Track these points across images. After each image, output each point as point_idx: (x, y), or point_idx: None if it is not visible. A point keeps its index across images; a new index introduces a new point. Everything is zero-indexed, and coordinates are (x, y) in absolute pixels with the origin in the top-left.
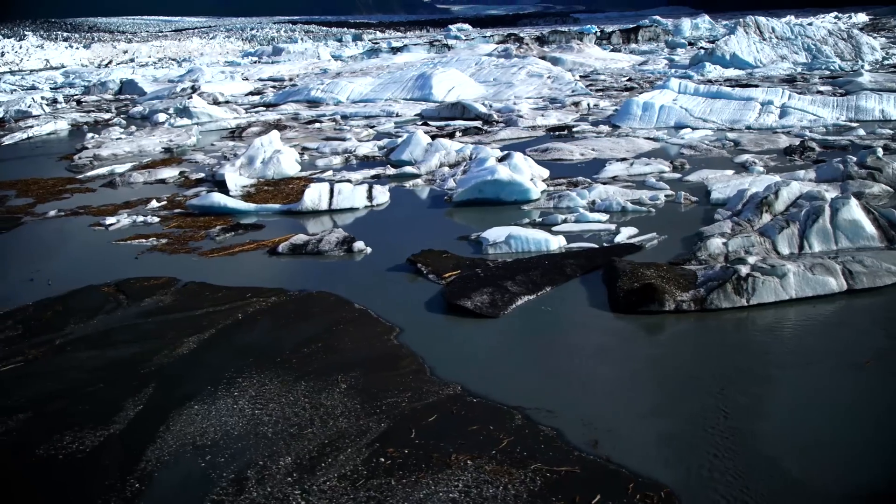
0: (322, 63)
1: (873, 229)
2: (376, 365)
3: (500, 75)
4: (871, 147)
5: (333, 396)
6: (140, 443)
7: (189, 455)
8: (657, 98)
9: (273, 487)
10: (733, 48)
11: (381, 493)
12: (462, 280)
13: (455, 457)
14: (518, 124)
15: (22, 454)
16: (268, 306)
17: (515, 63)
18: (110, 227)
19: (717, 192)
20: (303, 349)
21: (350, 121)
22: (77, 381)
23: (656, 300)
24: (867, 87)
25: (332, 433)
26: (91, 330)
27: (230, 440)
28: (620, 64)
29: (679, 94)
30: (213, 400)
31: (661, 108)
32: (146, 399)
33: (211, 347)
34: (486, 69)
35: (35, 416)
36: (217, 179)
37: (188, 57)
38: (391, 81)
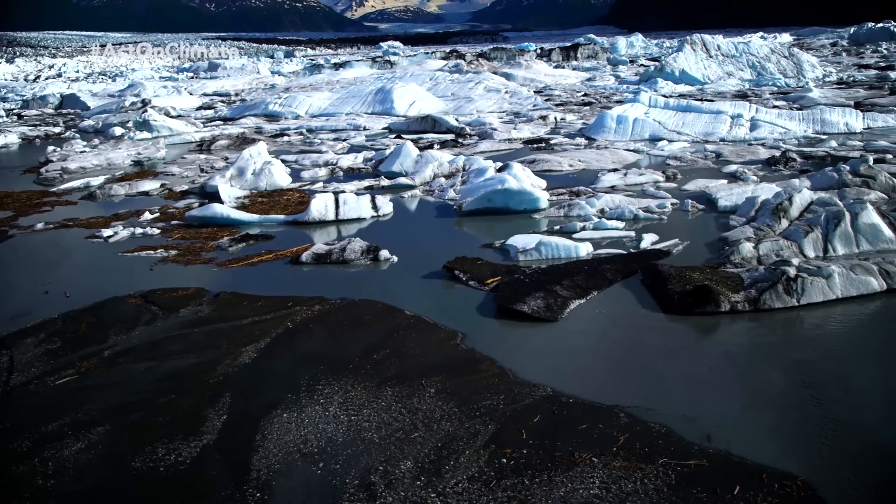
0: (266, 78)
1: (891, 233)
2: (455, 369)
3: (458, 90)
4: (853, 158)
5: (426, 401)
6: (241, 453)
7: (300, 463)
8: (630, 111)
9: (406, 491)
10: (682, 65)
11: (519, 493)
12: (508, 285)
13: (578, 455)
14: (493, 137)
15: (120, 468)
16: (314, 314)
17: (472, 78)
18: (109, 239)
19: (723, 200)
20: (372, 356)
21: (319, 134)
22: (145, 392)
23: (712, 301)
24: (820, 101)
25: (442, 436)
26: (136, 341)
27: (336, 447)
28: (570, 80)
29: (650, 108)
30: (300, 408)
31: (635, 121)
32: (226, 409)
33: (272, 356)
34: (442, 84)
35: (116, 429)
36: (208, 191)
37: (121, 72)
38: (350, 96)
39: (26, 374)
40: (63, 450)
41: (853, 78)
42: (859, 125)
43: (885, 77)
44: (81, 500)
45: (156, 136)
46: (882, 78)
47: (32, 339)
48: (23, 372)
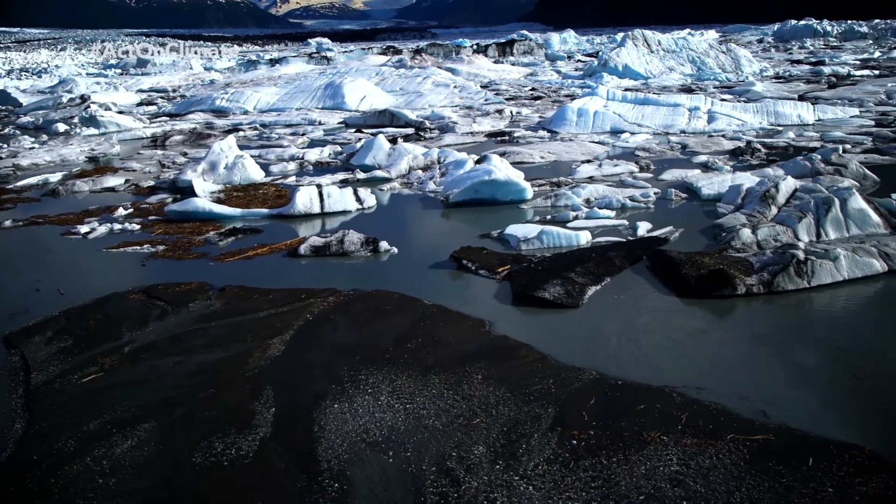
0: (203, 74)
1: (878, 218)
2: (495, 356)
3: (406, 85)
4: (815, 148)
5: (476, 387)
6: (303, 445)
7: (369, 452)
8: (590, 104)
9: (487, 475)
10: (625, 60)
11: (600, 472)
12: (521, 274)
13: (646, 434)
14: (455, 131)
15: (181, 465)
16: (331, 306)
17: (419, 73)
18: (88, 235)
19: (706, 189)
20: (405, 345)
21: (274, 129)
22: (181, 387)
23: (728, 285)
24: (766, 95)
25: (504, 421)
26: (153, 337)
27: (401, 435)
28: (512, 75)
29: (609, 101)
30: (349, 398)
31: (596, 113)
32: (272, 401)
33: (302, 348)
34: (389, 79)
35: (163, 426)
36: (180, 186)
37: (44, 68)
38: (298, 91)
39: (46, 373)
40: (114, 448)
41: (789, 73)
42: (811, 117)
43: (819, 72)
44: (149, 498)
45: (104, 132)
46: (816, 73)
47: (40, 338)
48: (41, 371)
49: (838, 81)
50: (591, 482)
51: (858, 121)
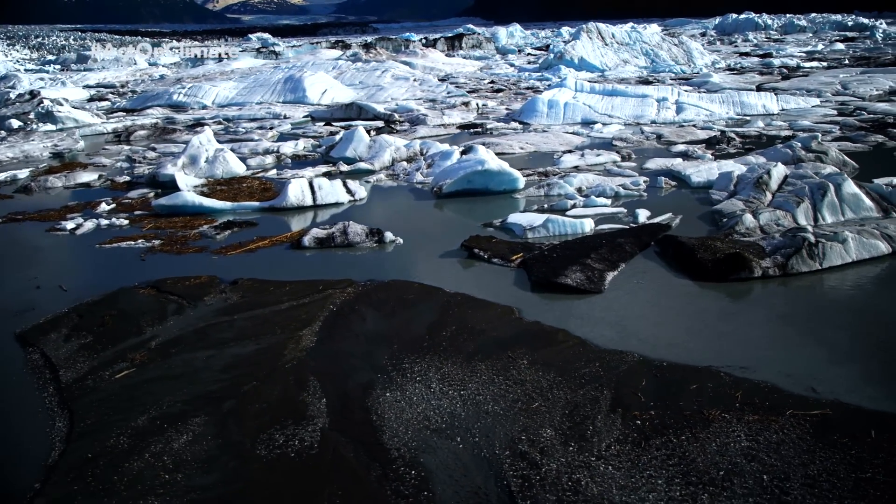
0: (150, 70)
1: (870, 202)
2: (534, 341)
3: (365, 79)
4: (785, 136)
5: (524, 372)
6: (367, 434)
7: (436, 439)
8: (559, 96)
9: (564, 458)
10: (580, 53)
11: (674, 450)
12: (536, 261)
13: (707, 412)
14: (427, 123)
15: (246, 457)
16: (352, 296)
17: (377, 67)
18: (75, 231)
19: (695, 177)
20: (440, 332)
21: (240, 123)
22: (222, 381)
23: (746, 268)
24: (725, 86)
25: (563, 404)
26: (177, 331)
27: (463, 421)
28: (468, 68)
29: (577, 92)
30: (400, 387)
31: (566, 105)
32: (320, 392)
33: (335, 338)
34: (347, 73)
35: (215, 419)
36: (160, 180)
37: None
38: (256, 85)
39: (74, 370)
40: (171, 443)
41: (740, 65)
42: (775, 107)
43: (769, 64)
44: (223, 492)
45: (62, 128)
46: (767, 65)
47: (56, 335)
48: (68, 368)
49: (790, 73)
50: (667, 460)
51: (821, 110)
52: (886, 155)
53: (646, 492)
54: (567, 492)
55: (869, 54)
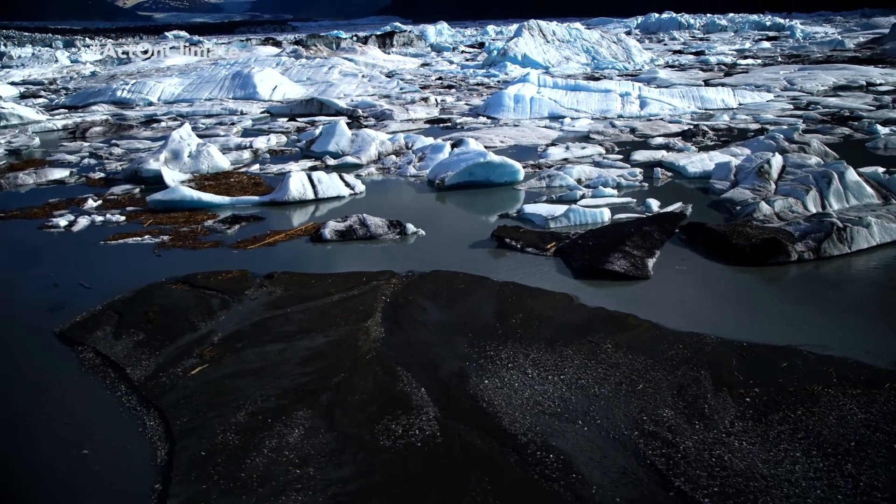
0: (76, 67)
1: (870, 189)
2: (607, 326)
3: (313, 75)
4: (757, 129)
5: (614, 355)
6: (484, 421)
7: (557, 423)
8: (524, 90)
9: (696, 435)
10: (523, 49)
11: (797, 424)
12: (575, 249)
13: (810, 388)
14: (394, 118)
15: (372, 448)
16: (401, 287)
17: (323, 63)
18: (70, 228)
19: (691, 167)
20: (510, 320)
21: (197, 120)
22: (306, 374)
23: (783, 252)
24: (675, 82)
25: (668, 385)
26: (234, 326)
27: (574, 404)
28: (409, 65)
29: (541, 87)
30: (495, 374)
31: (532, 99)
32: (415, 382)
33: (403, 328)
34: (293, 69)
35: (318, 413)
36: (143, 175)
37: None
38: (203, 81)
39: (140, 367)
40: (284, 438)
41: (678, 62)
42: (734, 101)
43: (706, 61)
44: (367, 484)
45: (6, 125)
46: (703, 62)
47: (102, 332)
48: (133, 366)
49: (730, 69)
50: (794, 434)
51: (777, 104)
52: (858, 146)
53: (790, 464)
54: (715, 468)
55: (796, 52)
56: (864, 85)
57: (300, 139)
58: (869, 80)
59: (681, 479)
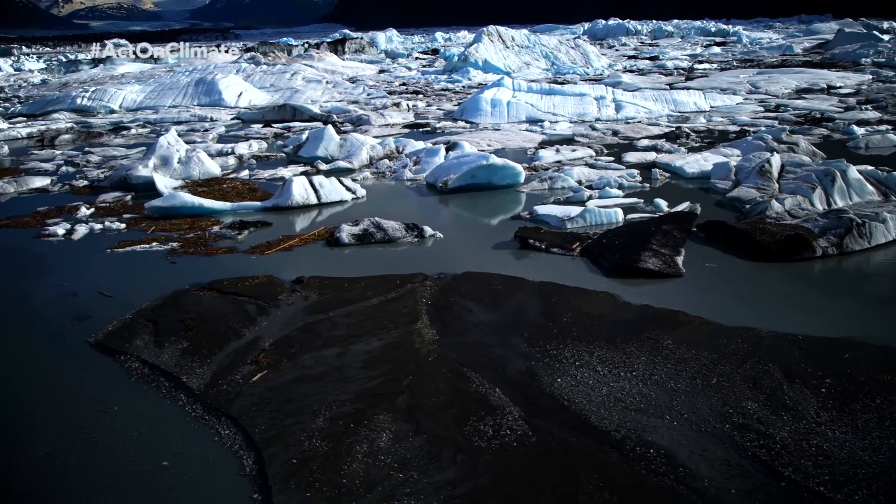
0: (23, 75)
1: (871, 186)
2: (659, 323)
3: (276, 81)
4: (737, 131)
5: (677, 351)
6: (572, 420)
7: (646, 418)
8: (500, 95)
9: (789, 426)
10: (484, 55)
11: (884, 412)
12: (601, 248)
13: (881, 377)
14: (372, 123)
15: (474, 452)
16: (439, 289)
17: (285, 70)
18: (70, 236)
19: (689, 168)
20: (560, 319)
21: (168, 127)
22: (373, 377)
23: (808, 248)
24: (641, 86)
25: (740, 378)
26: (279, 331)
27: (656, 399)
28: (368, 71)
29: (516, 91)
30: (564, 372)
31: (509, 103)
32: (486, 382)
33: (454, 330)
34: (255, 76)
35: (401, 416)
36: (132, 182)
37: None
38: (165, 88)
39: (196, 376)
40: (374, 442)
41: (636, 67)
42: (706, 104)
43: (664, 66)
44: (476, 484)
45: None
46: (661, 66)
47: (142, 341)
48: (189, 374)
49: (689, 74)
50: (881, 421)
51: (748, 107)
52: (839, 146)
53: (888, 451)
54: (818, 457)
55: (749, 57)
56: (825, 87)
57: (286, 145)
58: (829, 83)
59: (788, 469)
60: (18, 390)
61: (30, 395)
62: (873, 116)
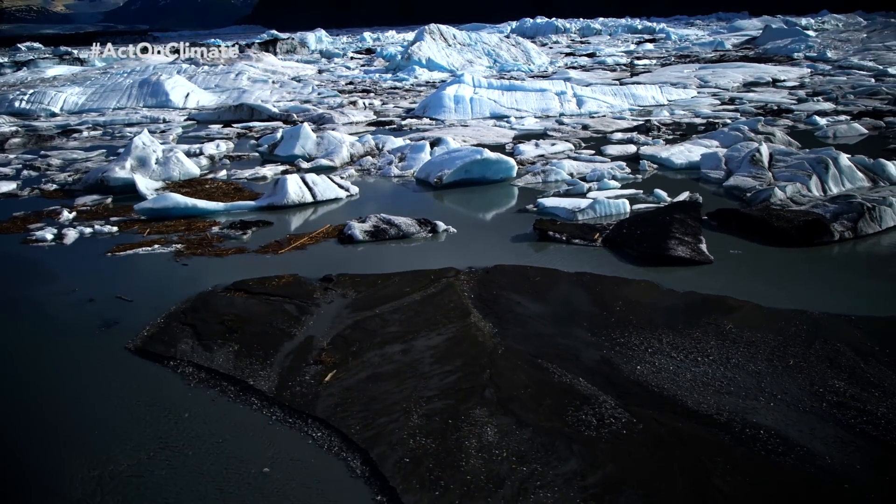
0: None
1: (860, 173)
2: (712, 309)
3: (221, 82)
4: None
5: (741, 335)
6: (669, 405)
7: (741, 400)
8: (461, 91)
9: (884, 403)
10: (427, 53)
11: None
12: (623, 238)
13: None
14: (335, 121)
15: (589, 442)
16: (475, 283)
17: (230, 70)
18: (60, 241)
19: (675, 159)
20: (613, 308)
21: (122, 129)
22: (449, 372)
23: (827, 232)
24: (591, 82)
25: (815, 358)
26: (330, 330)
27: (742, 382)
28: (307, 71)
29: (476, 88)
30: (639, 361)
31: (472, 100)
32: (569, 373)
33: (510, 322)
34: (198, 76)
35: (496, 409)
36: (110, 185)
37: None
38: (108, 90)
39: (262, 378)
40: (482, 437)
41: (577, 64)
42: (663, 98)
43: (603, 62)
44: (610, 472)
45: None
46: (600, 62)
47: (185, 345)
48: (253, 377)
49: (633, 69)
50: None
51: (704, 100)
52: (808, 135)
53: None
54: None
55: (683, 53)
56: (770, 81)
57: (260, 144)
58: (774, 77)
59: None
60: (74, 402)
61: (88, 407)
62: (828, 107)
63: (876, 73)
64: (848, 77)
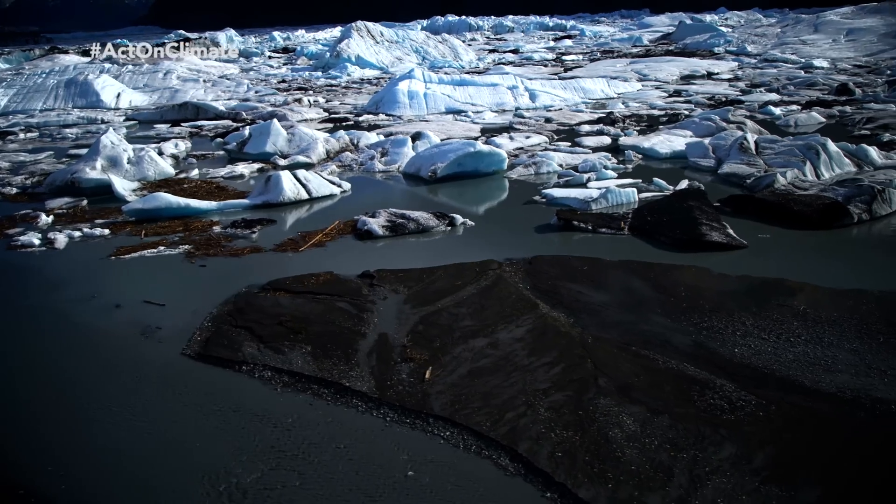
0: None
1: (847, 159)
2: (771, 291)
3: (149, 81)
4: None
5: (817, 315)
6: (785, 384)
7: (854, 378)
8: (413, 86)
9: None
10: (356, 51)
11: None
12: (652, 226)
13: None
14: (289, 119)
15: (732, 426)
16: (523, 274)
17: (156, 69)
18: (51, 246)
19: (660, 148)
20: (678, 293)
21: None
22: (547, 363)
23: (847, 215)
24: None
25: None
26: (400, 327)
27: (844, 360)
28: (231, 70)
29: (427, 83)
30: (733, 344)
31: (426, 95)
32: (670, 357)
33: (579, 312)
34: (125, 76)
35: (625, 401)
36: (82, 186)
37: None
38: (31, 90)
39: (357, 379)
40: (623, 426)
41: (504, 59)
42: (611, 91)
43: (529, 58)
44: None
45: None
46: (527, 58)
47: (251, 349)
48: (347, 378)
49: (564, 64)
50: None
51: (651, 93)
52: (770, 124)
53: None
54: None
55: (604, 48)
56: (705, 74)
57: (227, 142)
58: (708, 70)
59: None
60: (157, 416)
61: (174, 419)
62: (775, 98)
63: (802, 66)
64: (777, 70)
